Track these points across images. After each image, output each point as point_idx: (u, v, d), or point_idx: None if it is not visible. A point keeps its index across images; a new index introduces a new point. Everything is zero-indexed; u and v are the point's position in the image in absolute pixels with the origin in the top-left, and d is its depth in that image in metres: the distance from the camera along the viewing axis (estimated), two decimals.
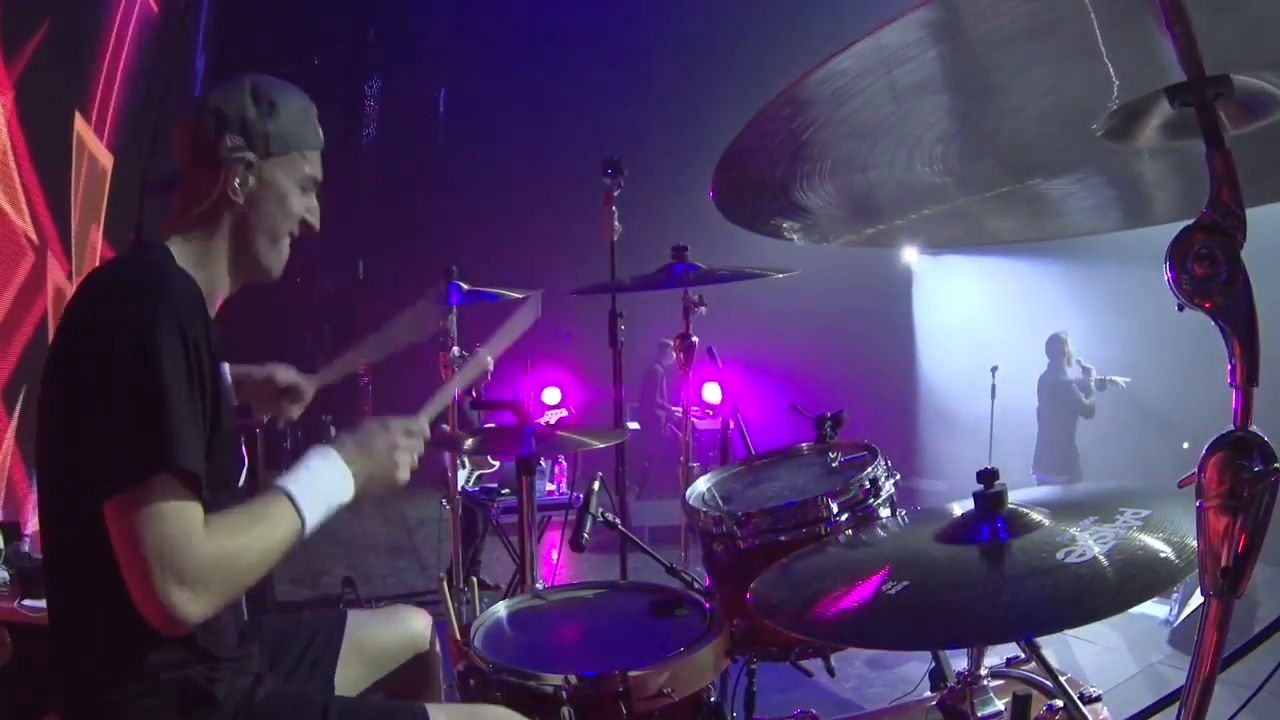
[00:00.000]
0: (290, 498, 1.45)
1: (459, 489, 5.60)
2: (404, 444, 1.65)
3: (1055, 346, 7.04)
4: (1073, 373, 6.97)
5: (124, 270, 1.52)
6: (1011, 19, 0.87)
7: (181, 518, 1.31)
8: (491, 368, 2.20)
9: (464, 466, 6.11)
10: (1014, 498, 1.42)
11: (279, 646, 1.83)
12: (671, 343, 3.19)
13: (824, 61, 0.96)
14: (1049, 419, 7.04)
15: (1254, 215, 0.90)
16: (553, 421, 6.48)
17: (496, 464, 6.29)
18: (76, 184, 5.19)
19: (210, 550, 1.32)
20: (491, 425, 5.93)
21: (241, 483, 1.60)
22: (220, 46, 8.71)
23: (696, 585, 2.26)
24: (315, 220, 1.68)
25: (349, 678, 1.89)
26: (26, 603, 2.97)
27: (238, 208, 1.57)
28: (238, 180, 1.55)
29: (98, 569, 1.38)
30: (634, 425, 9.27)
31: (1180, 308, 0.91)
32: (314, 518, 1.47)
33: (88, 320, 1.42)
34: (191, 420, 1.35)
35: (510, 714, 1.69)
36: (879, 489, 2.01)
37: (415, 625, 2.04)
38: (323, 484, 1.52)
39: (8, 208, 4.22)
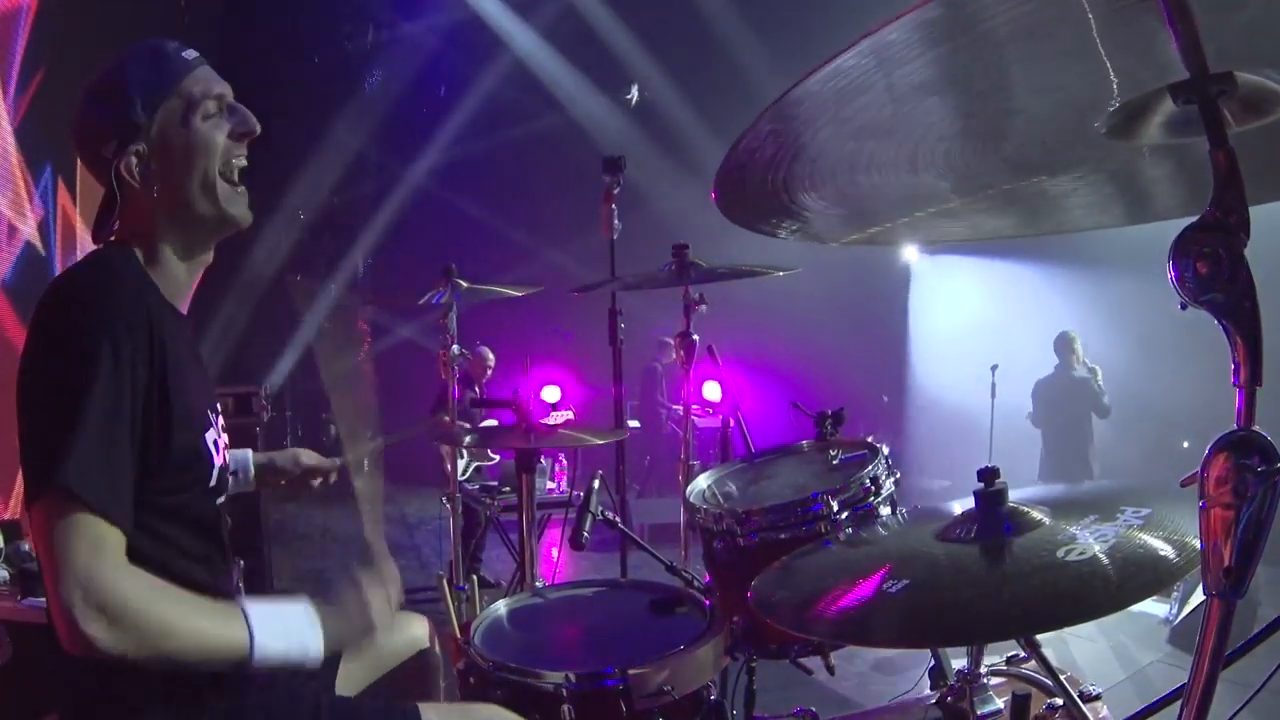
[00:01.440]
0: (247, 617, 1.36)
1: (458, 484, 5.61)
2: (378, 604, 1.53)
3: (1064, 345, 6.64)
4: (1081, 373, 6.71)
5: (73, 281, 1.48)
6: (1013, 18, 0.87)
7: (96, 537, 1.27)
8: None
9: (461, 457, 6.11)
10: (1014, 496, 1.42)
11: None
12: (672, 341, 3.18)
13: (826, 62, 0.96)
14: (1058, 425, 6.65)
15: (1257, 213, 0.90)
16: (559, 423, 6.46)
17: (496, 457, 6.28)
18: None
19: (128, 585, 1.27)
20: (493, 422, 5.93)
21: (215, 482, 1.56)
22: (220, 46, 8.71)
23: (696, 583, 2.26)
24: (247, 125, 1.58)
25: (349, 682, 1.89)
26: (27, 601, 2.97)
27: (157, 191, 1.51)
28: (138, 173, 1.49)
29: None
30: (634, 423, 9.29)
31: (1183, 307, 0.90)
32: (266, 647, 1.36)
33: (37, 328, 1.40)
34: (103, 440, 1.31)
35: (502, 712, 1.69)
36: (879, 487, 2.01)
37: (415, 631, 2.05)
38: (290, 625, 1.41)
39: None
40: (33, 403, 1.35)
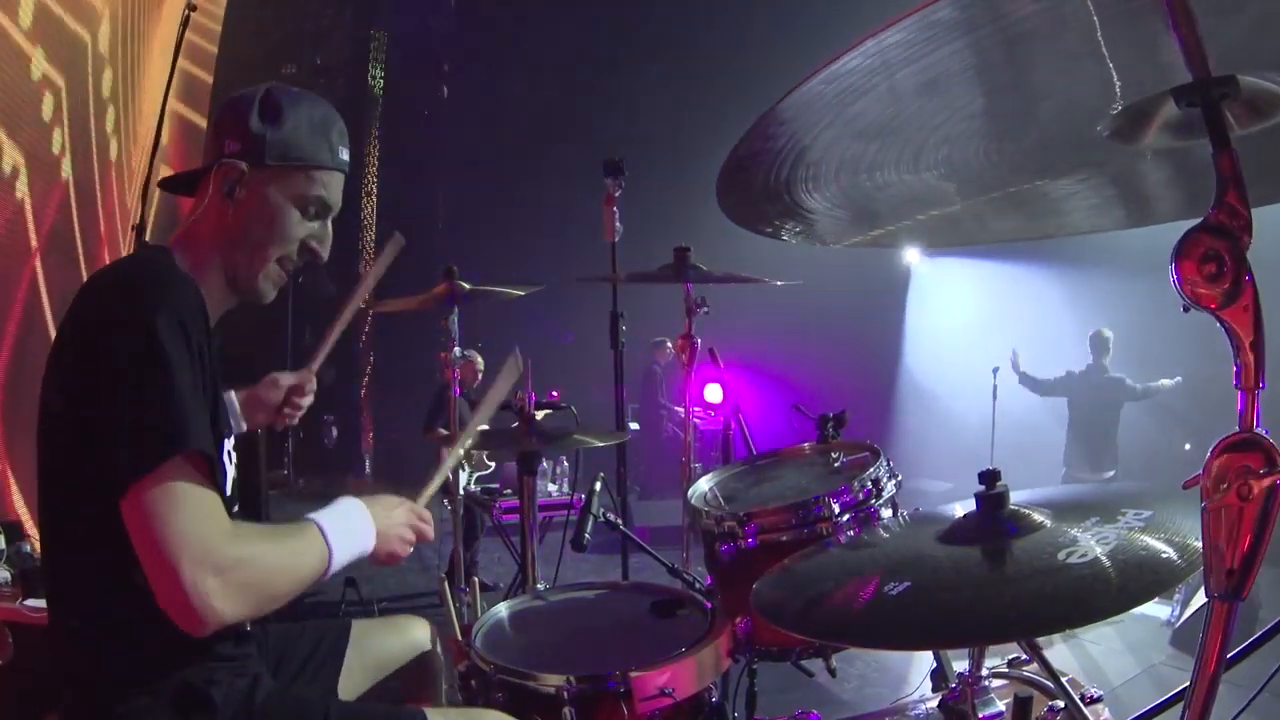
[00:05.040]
0: (321, 530, 1.43)
1: (461, 490, 5.61)
2: (415, 522, 1.63)
3: (1099, 344, 6.90)
4: (1114, 374, 6.88)
5: (124, 272, 1.50)
6: (1017, 20, 0.87)
7: (204, 502, 1.29)
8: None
9: (464, 468, 6.12)
10: (1015, 498, 1.42)
11: (283, 652, 1.83)
12: (666, 341, 3.19)
13: (828, 63, 0.96)
14: (1090, 418, 6.92)
15: (1259, 215, 0.90)
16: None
17: (492, 465, 6.30)
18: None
19: (238, 544, 1.30)
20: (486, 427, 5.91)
21: (229, 492, 1.57)
22: (221, 45, 8.72)
23: (698, 585, 2.26)
24: (322, 248, 1.61)
25: (351, 685, 1.89)
26: (28, 603, 2.98)
27: (229, 218, 1.52)
28: (226, 184, 1.50)
29: (96, 570, 1.38)
30: (634, 426, 9.28)
31: (1185, 309, 0.90)
32: (341, 556, 1.45)
33: (89, 320, 1.40)
34: (199, 406, 1.33)
35: (503, 718, 1.69)
36: (881, 489, 2.01)
37: (417, 634, 2.04)
38: (352, 526, 1.50)
39: None
40: (118, 385, 1.31)
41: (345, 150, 1.61)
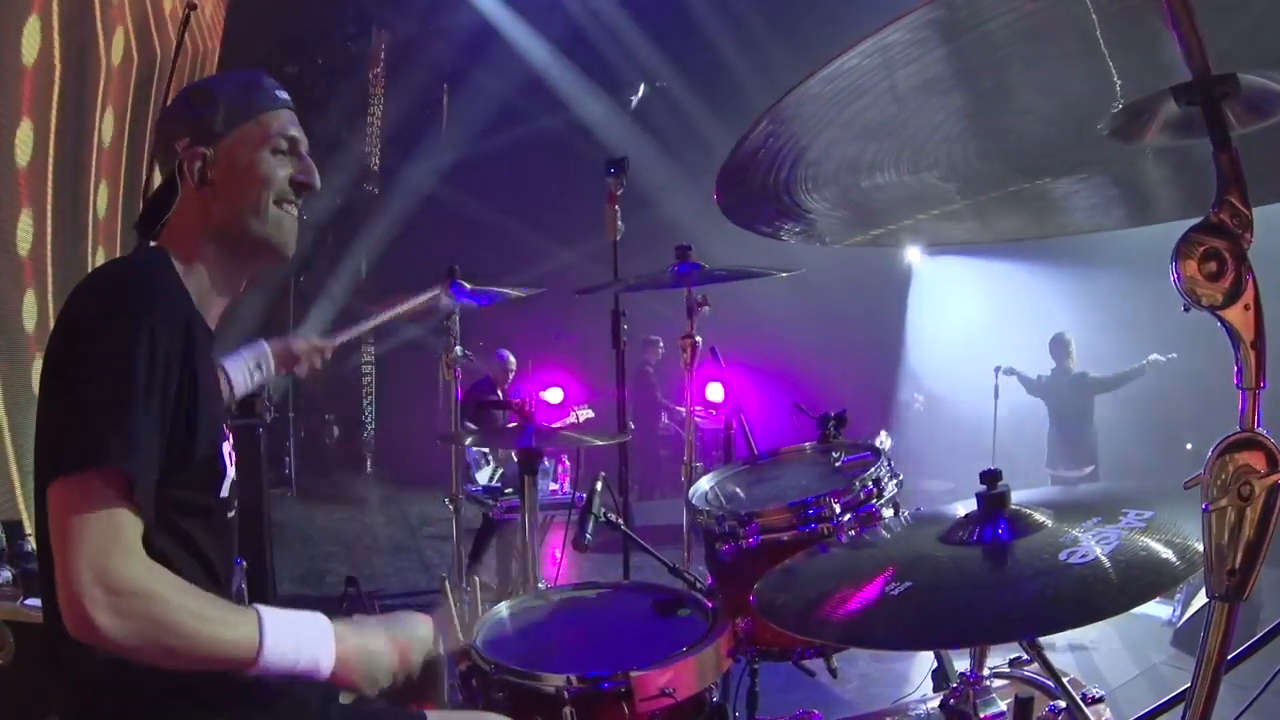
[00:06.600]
0: (259, 616, 1.37)
1: (468, 488, 5.60)
2: (394, 659, 1.60)
3: (1060, 347, 7.02)
4: (1076, 369, 6.97)
5: (114, 274, 1.52)
6: (1016, 19, 0.87)
7: (112, 519, 1.27)
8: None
9: (488, 464, 6.12)
10: (1017, 498, 1.42)
11: None
12: (659, 340, 3.20)
13: (828, 62, 0.95)
14: (1063, 418, 7.02)
15: (1259, 215, 0.89)
16: (580, 420, 6.58)
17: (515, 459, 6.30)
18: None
19: (144, 575, 1.27)
20: (513, 425, 5.90)
21: (226, 493, 1.56)
22: (222, 46, 8.71)
23: (699, 585, 2.26)
24: (309, 177, 1.63)
25: None
26: (28, 602, 2.97)
27: (208, 200, 1.55)
28: (197, 175, 1.54)
29: None
30: (630, 426, 9.26)
31: (1186, 309, 0.90)
32: (273, 652, 1.37)
33: (72, 321, 1.42)
34: (142, 427, 1.32)
35: None
36: (882, 489, 2.01)
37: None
38: (302, 633, 1.43)
39: None
40: (72, 387, 1.34)
41: (280, 90, 1.65)
